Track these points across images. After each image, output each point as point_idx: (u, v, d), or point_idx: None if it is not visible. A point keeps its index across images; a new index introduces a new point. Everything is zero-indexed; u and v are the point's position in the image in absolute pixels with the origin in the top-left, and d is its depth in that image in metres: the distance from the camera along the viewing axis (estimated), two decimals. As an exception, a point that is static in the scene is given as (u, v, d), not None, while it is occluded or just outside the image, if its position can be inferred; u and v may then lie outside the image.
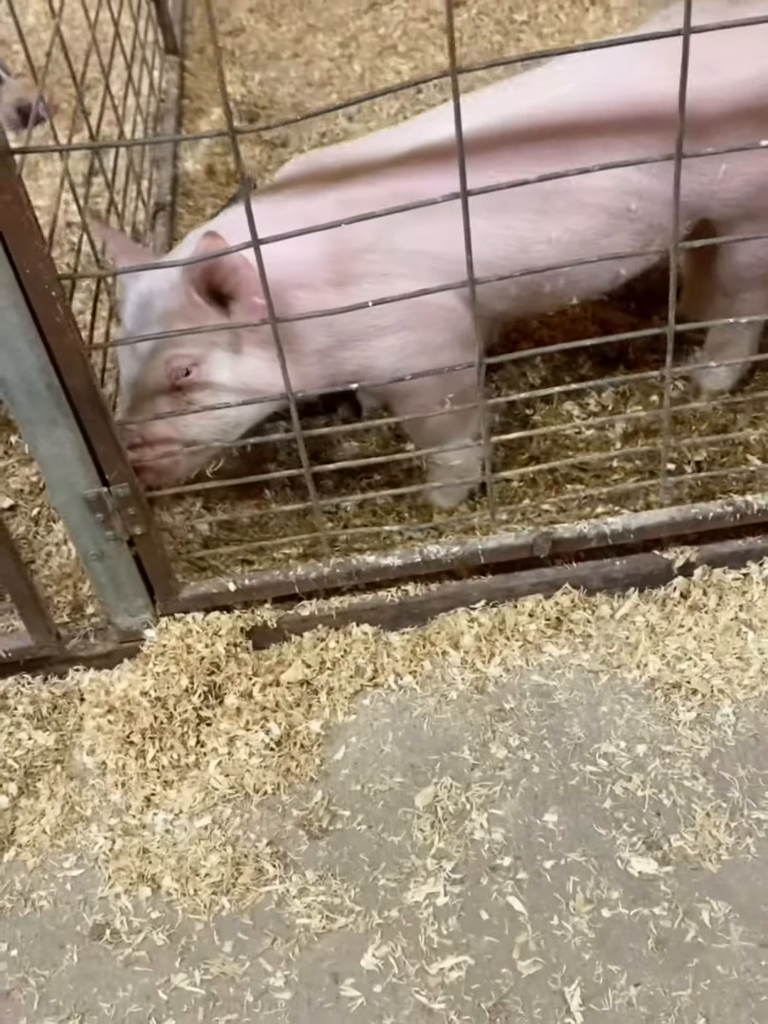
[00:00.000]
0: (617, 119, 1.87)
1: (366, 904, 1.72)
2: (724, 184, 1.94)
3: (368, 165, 1.88)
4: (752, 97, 1.84)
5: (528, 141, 1.84)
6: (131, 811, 1.88)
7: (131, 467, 1.76)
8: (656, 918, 1.65)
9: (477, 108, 1.94)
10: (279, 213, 1.82)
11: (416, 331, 1.91)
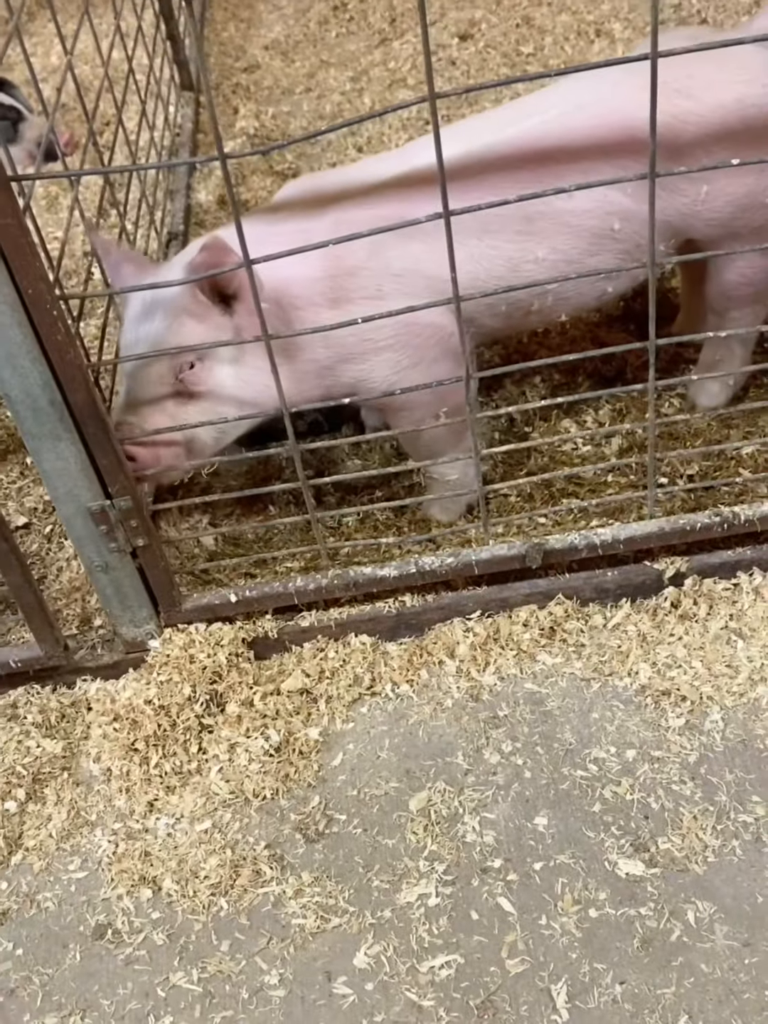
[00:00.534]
0: (600, 143, 1.93)
1: (359, 905, 1.76)
2: (706, 204, 2.00)
3: (364, 188, 1.96)
4: (729, 122, 1.90)
5: (514, 165, 1.91)
6: (134, 816, 1.93)
7: (132, 479, 1.83)
8: (642, 918, 1.68)
9: (468, 133, 2.02)
10: (278, 231, 1.90)
11: (409, 347, 1.97)
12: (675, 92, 1.91)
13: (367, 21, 4.28)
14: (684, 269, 2.51)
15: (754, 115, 1.92)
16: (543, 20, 3.99)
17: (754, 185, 1.98)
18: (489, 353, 2.68)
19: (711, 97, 1.91)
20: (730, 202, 1.99)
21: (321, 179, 2.12)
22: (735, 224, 2.02)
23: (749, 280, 2.14)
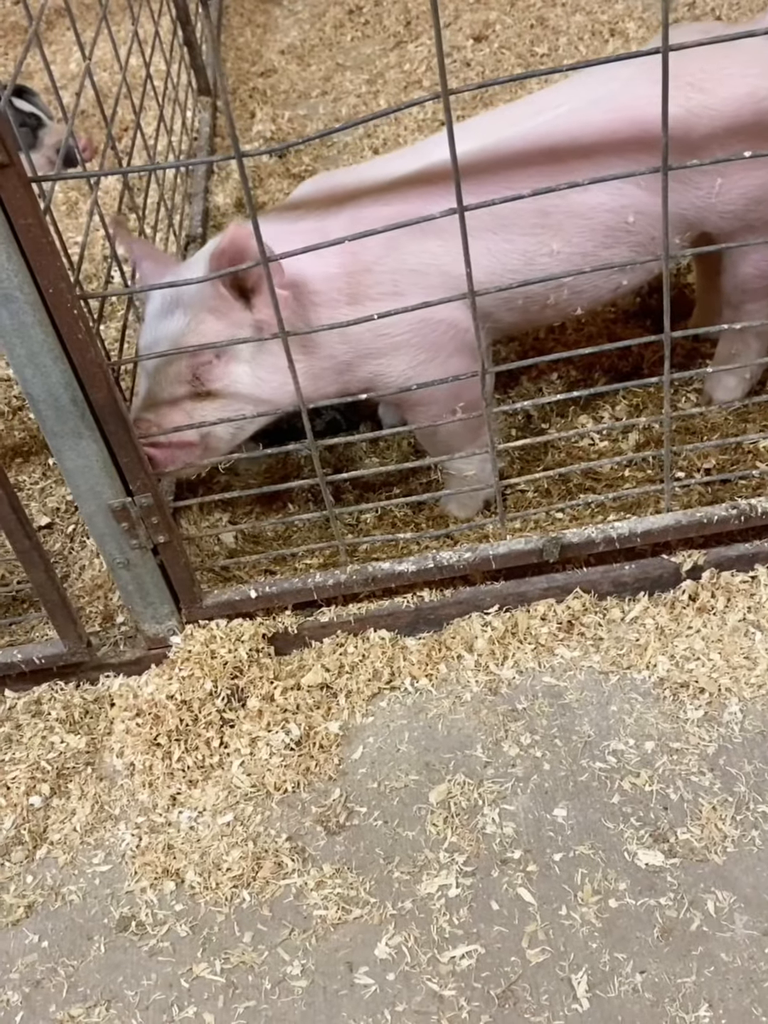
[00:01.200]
0: (614, 137, 1.94)
1: (380, 896, 1.78)
2: (721, 197, 2.01)
3: (380, 185, 1.97)
4: (743, 115, 1.91)
5: (528, 160, 1.92)
6: (157, 809, 1.95)
7: (153, 476, 1.85)
8: (662, 908, 1.69)
9: (483, 129, 2.03)
10: (295, 229, 1.92)
11: (426, 343, 1.99)
12: (688, 86, 1.93)
13: (382, 24, 4.30)
14: (699, 264, 2.52)
15: (766, 108, 1.93)
16: (557, 21, 4.01)
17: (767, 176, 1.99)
18: (506, 350, 2.70)
19: (724, 90, 1.92)
20: (744, 194, 1.99)
21: (337, 177, 2.14)
22: (750, 217, 2.02)
23: (764, 273, 2.15)
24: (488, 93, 3.60)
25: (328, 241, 1.65)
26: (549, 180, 1.79)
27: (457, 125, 2.15)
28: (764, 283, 2.16)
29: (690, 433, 2.35)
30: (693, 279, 2.70)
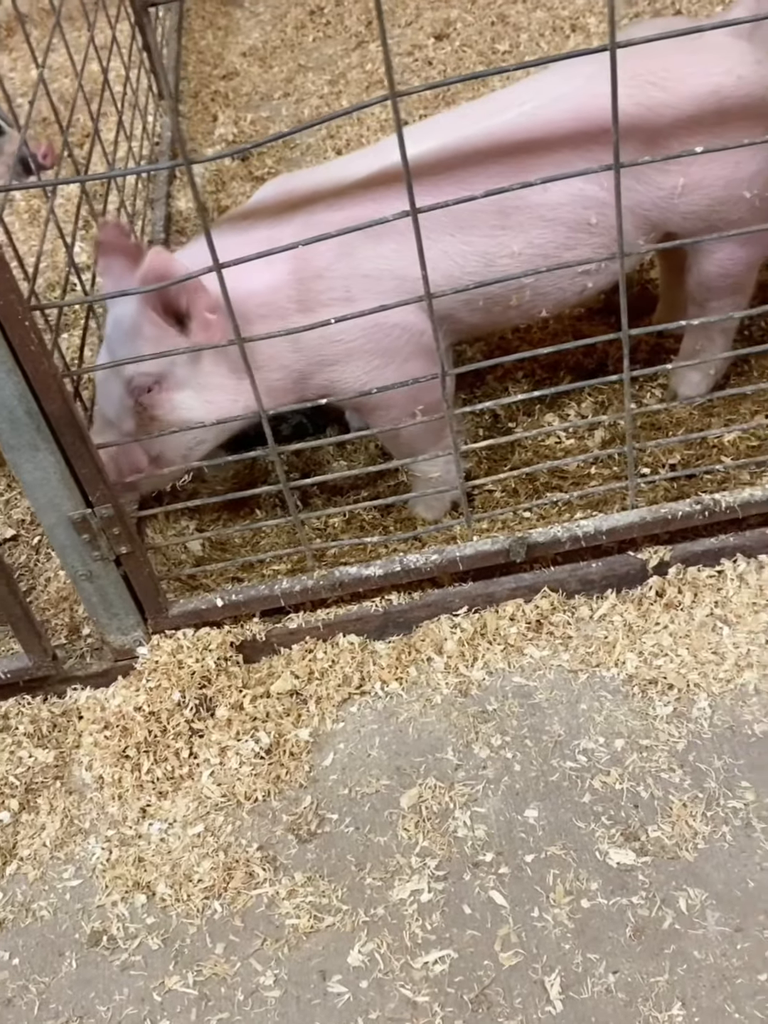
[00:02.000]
0: (575, 136, 1.93)
1: (353, 903, 1.77)
2: (684, 198, 1.99)
3: (334, 189, 1.96)
4: (705, 113, 1.90)
5: (488, 160, 1.91)
6: (127, 822, 1.94)
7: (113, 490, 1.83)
8: (634, 907, 1.69)
9: (443, 129, 2.02)
10: (247, 239, 1.90)
11: (380, 348, 1.98)
12: (650, 84, 1.92)
13: (344, 25, 4.29)
14: (662, 261, 2.51)
15: (730, 106, 1.92)
16: (518, 17, 4.00)
17: (731, 178, 1.97)
18: (472, 350, 2.69)
19: (686, 88, 1.91)
20: (707, 195, 1.98)
21: (296, 180, 2.12)
22: (712, 218, 2.01)
23: (728, 271, 2.14)
24: (450, 91, 3.59)
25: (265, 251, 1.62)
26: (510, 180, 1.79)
27: (418, 124, 2.15)
28: (728, 281, 2.16)
29: (655, 429, 2.35)
30: (656, 275, 2.70)
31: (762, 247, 2.15)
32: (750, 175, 1.97)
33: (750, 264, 2.15)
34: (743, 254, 2.11)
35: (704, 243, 2.08)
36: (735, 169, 1.97)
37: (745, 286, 2.20)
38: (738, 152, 1.92)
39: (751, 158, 1.96)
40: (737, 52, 1.95)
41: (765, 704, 1.89)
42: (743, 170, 1.97)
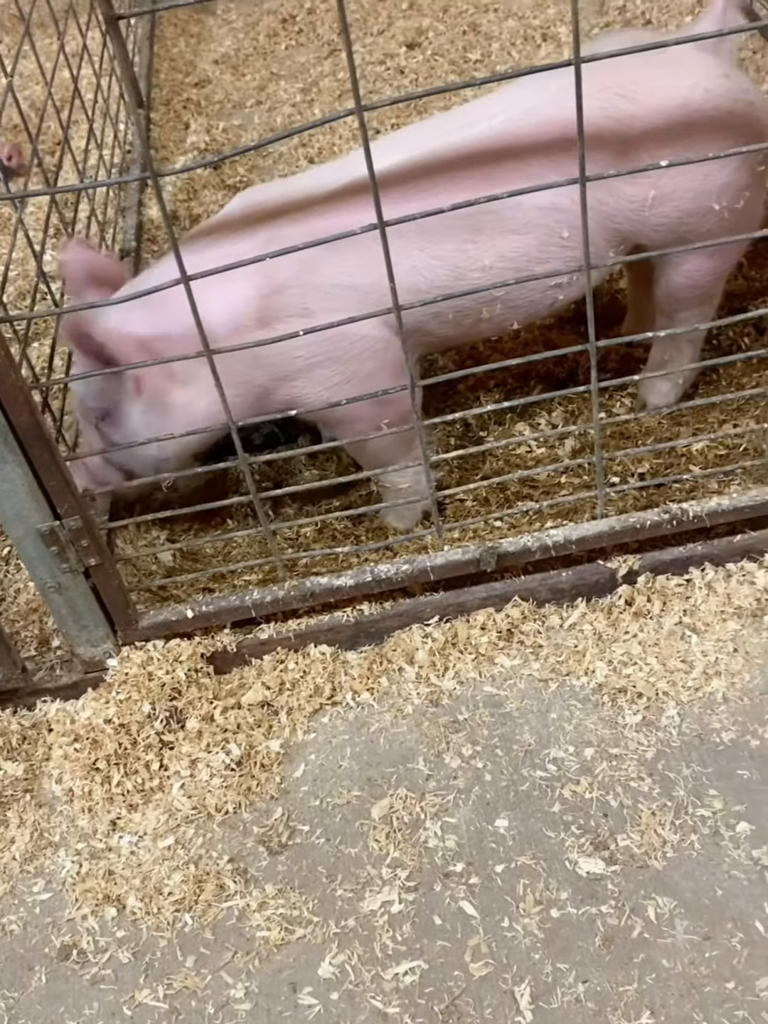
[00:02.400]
0: (546, 149, 1.94)
1: (323, 914, 1.77)
2: (654, 210, 2.00)
3: (301, 202, 1.96)
4: (673, 126, 1.91)
5: (458, 172, 1.92)
6: (97, 835, 1.93)
7: (82, 499, 1.83)
8: (603, 916, 1.70)
9: (413, 140, 2.02)
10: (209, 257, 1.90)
11: (340, 363, 1.98)
12: (620, 97, 1.93)
13: (316, 33, 4.29)
14: (631, 272, 2.53)
15: (697, 119, 1.93)
16: (489, 27, 4.02)
17: (700, 190, 1.99)
18: (443, 359, 2.70)
19: (655, 101, 1.92)
20: (677, 207, 1.99)
21: (266, 192, 2.12)
22: (682, 230, 2.02)
23: (696, 283, 2.15)
24: (422, 101, 3.60)
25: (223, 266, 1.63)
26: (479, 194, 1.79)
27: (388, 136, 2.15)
28: (695, 292, 2.17)
29: (625, 438, 2.37)
30: (626, 285, 2.72)
31: (729, 259, 2.17)
32: (719, 187, 1.99)
33: (717, 275, 2.17)
34: (710, 265, 2.13)
35: (672, 255, 2.10)
36: (704, 181, 1.98)
37: (712, 297, 2.21)
38: (707, 164, 1.94)
39: (719, 170, 1.97)
40: (704, 66, 1.97)
41: (733, 712, 1.91)
42: (712, 182, 1.98)
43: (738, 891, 1.69)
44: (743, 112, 1.96)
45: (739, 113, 1.96)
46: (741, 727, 1.88)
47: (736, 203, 2.01)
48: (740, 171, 1.98)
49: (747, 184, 2.00)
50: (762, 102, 2.05)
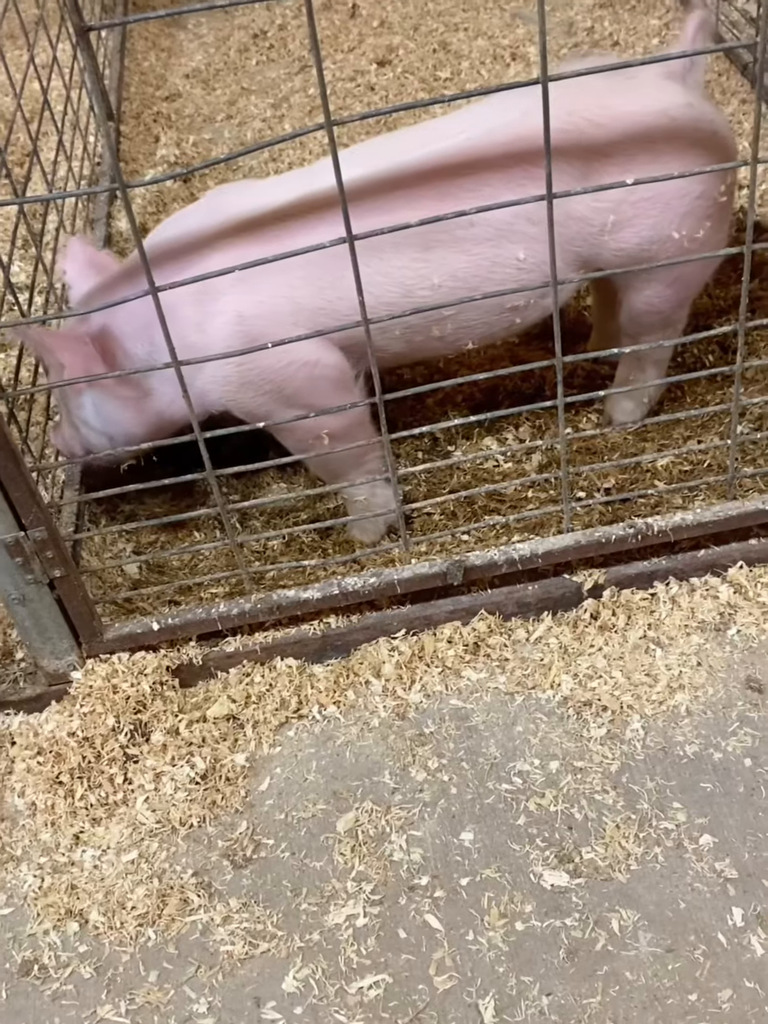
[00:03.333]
0: (509, 169, 1.95)
1: (288, 928, 1.76)
2: (614, 235, 2.01)
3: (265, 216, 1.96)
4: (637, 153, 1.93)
5: (417, 189, 1.93)
6: (60, 849, 1.91)
7: (47, 512, 1.82)
8: (567, 929, 1.70)
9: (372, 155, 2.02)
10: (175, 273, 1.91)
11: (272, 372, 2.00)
12: (586, 121, 1.94)
13: (287, 49, 4.31)
14: (595, 291, 2.54)
15: (661, 147, 1.95)
16: (459, 45, 4.05)
17: (660, 218, 2.00)
18: (411, 373, 2.71)
19: (620, 127, 1.93)
20: (636, 233, 2.00)
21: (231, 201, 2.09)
22: (642, 256, 2.03)
23: (657, 308, 2.17)
24: (392, 117, 3.62)
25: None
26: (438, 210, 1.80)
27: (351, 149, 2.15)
28: (657, 318, 2.19)
29: (591, 453, 2.39)
30: (591, 302, 2.74)
31: (690, 287, 2.19)
32: (679, 216, 2.00)
33: (678, 302, 2.19)
34: (670, 293, 2.15)
35: (632, 281, 2.12)
36: (664, 209, 2.00)
37: (675, 322, 2.23)
38: (668, 193, 1.96)
39: (680, 199, 1.99)
40: (670, 93, 1.99)
41: (696, 725, 1.92)
42: (672, 211, 2.00)
43: (701, 903, 1.70)
44: (708, 140, 1.98)
45: (704, 141, 1.98)
46: (704, 740, 1.90)
47: (696, 232, 2.02)
48: (701, 200, 2.00)
49: (708, 214, 2.02)
50: (727, 131, 2.08)
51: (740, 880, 1.71)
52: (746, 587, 2.07)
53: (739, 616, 2.05)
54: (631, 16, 4.06)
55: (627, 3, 4.14)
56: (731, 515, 2.02)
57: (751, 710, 1.93)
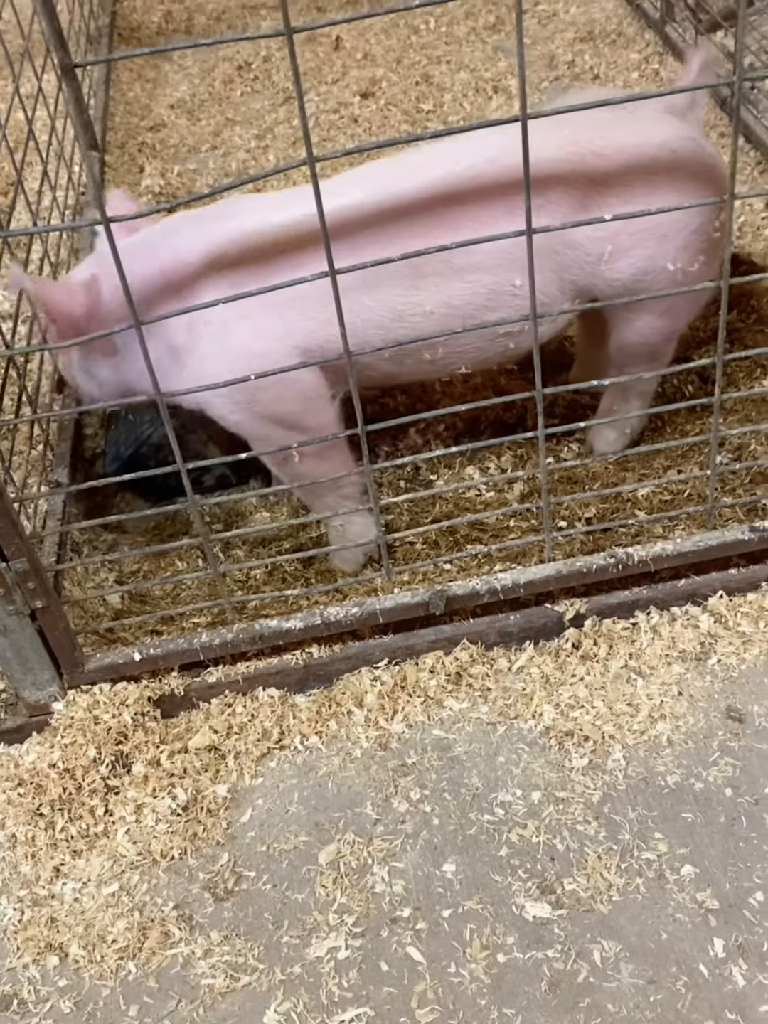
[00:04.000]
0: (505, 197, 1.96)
1: (269, 961, 1.75)
2: (610, 265, 2.03)
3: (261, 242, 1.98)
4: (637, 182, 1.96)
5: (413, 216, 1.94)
6: (40, 882, 1.90)
7: (29, 543, 1.82)
8: (549, 960, 1.70)
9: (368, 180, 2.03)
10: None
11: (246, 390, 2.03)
12: (591, 152, 1.96)
13: (271, 80, 4.35)
14: (582, 322, 2.55)
15: (661, 180, 1.97)
16: (442, 78, 4.10)
17: (656, 250, 2.02)
18: (394, 402, 2.72)
19: (623, 158, 1.96)
20: (632, 264, 2.03)
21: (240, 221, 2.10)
22: (637, 288, 2.05)
23: (646, 340, 2.19)
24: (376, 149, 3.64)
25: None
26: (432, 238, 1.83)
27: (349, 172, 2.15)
28: (645, 350, 2.21)
29: (572, 482, 2.40)
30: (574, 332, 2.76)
31: (680, 319, 2.20)
32: (675, 249, 2.03)
33: (668, 335, 2.21)
34: (661, 325, 2.17)
35: (623, 315, 2.14)
36: (661, 241, 2.02)
37: (663, 355, 2.25)
38: (665, 225, 1.98)
39: (677, 233, 2.01)
40: (672, 128, 2.02)
41: (678, 755, 1.93)
42: (669, 244, 2.02)
43: (682, 934, 1.70)
44: (707, 175, 2.01)
45: (703, 176, 2.01)
46: (686, 770, 1.90)
47: (690, 266, 2.05)
48: (696, 235, 2.02)
49: (703, 249, 2.05)
50: (724, 168, 2.11)
51: (721, 911, 1.72)
52: (726, 616, 2.09)
53: (719, 645, 2.06)
54: (611, 50, 4.12)
55: (607, 37, 4.20)
56: (711, 545, 2.04)
57: (731, 740, 1.94)
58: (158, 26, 4.89)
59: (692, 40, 3.72)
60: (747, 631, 2.07)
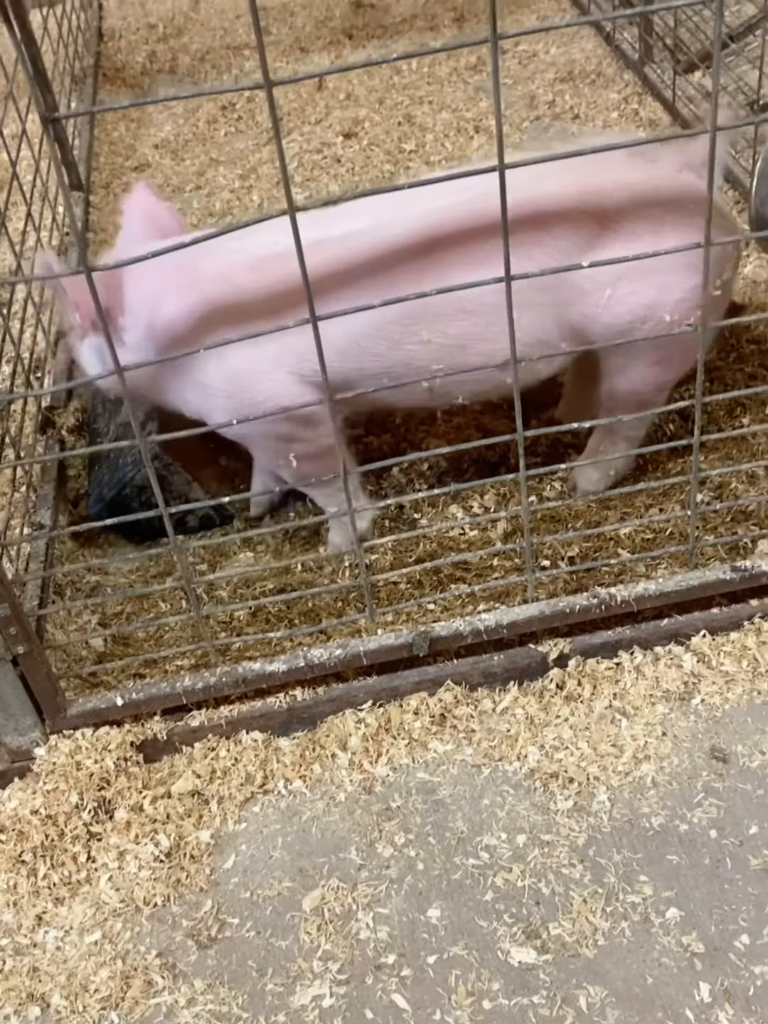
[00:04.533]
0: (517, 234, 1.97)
1: (253, 1010, 1.74)
2: (608, 310, 2.05)
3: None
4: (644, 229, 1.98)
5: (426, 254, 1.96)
6: (22, 930, 1.88)
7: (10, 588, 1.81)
8: (535, 1007, 1.68)
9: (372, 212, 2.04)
10: None
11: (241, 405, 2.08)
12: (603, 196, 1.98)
13: (255, 120, 4.39)
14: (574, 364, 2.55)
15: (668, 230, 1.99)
16: (424, 118, 4.14)
17: (655, 299, 2.04)
18: (378, 442, 2.73)
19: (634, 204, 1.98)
20: (630, 311, 2.04)
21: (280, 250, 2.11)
22: (633, 333, 2.06)
23: (638, 389, 2.21)
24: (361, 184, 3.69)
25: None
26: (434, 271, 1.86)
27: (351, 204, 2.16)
28: (636, 398, 2.22)
29: (555, 521, 2.41)
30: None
31: (672, 370, 2.21)
32: (674, 300, 2.04)
33: (659, 386, 2.22)
34: (654, 375, 2.18)
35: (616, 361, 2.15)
36: (660, 291, 2.04)
37: (653, 404, 2.24)
38: (665, 275, 2.00)
39: (677, 284, 2.03)
40: (688, 180, 2.04)
41: (662, 796, 1.92)
42: (668, 294, 2.04)
43: (668, 979, 1.69)
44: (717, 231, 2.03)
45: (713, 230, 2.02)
46: (670, 812, 1.90)
47: (688, 318, 2.06)
48: (697, 290, 2.04)
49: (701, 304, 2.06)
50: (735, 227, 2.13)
51: (707, 954, 1.71)
52: (709, 656, 2.09)
53: (703, 685, 2.07)
54: (591, 90, 4.17)
55: (587, 77, 4.25)
56: (693, 585, 2.05)
57: (716, 780, 1.93)
58: (142, 66, 4.94)
59: (670, 81, 3.78)
60: (730, 670, 2.07)
